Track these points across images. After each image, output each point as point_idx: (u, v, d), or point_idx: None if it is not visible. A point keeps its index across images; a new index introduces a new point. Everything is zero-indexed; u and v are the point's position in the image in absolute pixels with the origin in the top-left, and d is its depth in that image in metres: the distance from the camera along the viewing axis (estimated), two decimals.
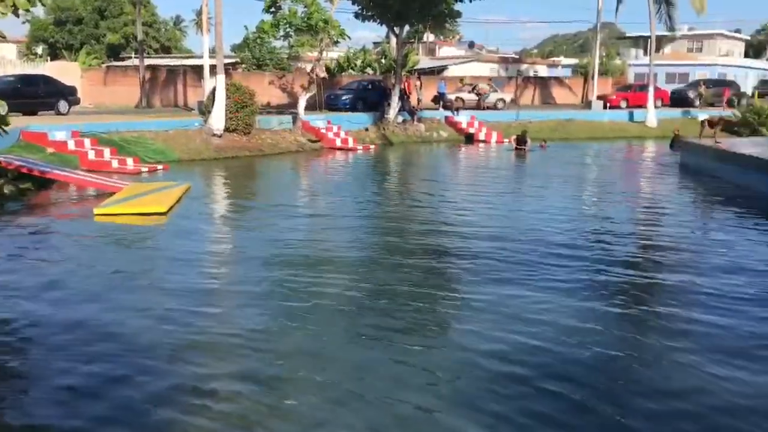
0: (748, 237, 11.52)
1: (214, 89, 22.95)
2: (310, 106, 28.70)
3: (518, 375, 5.81)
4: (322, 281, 8.42)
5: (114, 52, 50.14)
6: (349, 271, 9.02)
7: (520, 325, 6.91)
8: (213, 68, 23.72)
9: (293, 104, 28.73)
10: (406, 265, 9.22)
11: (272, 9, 25.74)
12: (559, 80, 49.02)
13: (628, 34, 65.17)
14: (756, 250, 10.58)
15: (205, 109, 24.11)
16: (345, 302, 7.70)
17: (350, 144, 26.24)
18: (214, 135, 22.63)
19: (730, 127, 33.90)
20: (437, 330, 6.99)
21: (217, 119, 22.64)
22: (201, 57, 28.42)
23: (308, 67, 28.74)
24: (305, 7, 25.26)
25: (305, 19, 25.32)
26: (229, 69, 34.04)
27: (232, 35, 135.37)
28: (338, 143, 26.15)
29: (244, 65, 40.17)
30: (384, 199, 15.94)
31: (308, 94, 27.06)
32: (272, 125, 26.16)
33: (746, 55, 64.92)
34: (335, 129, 27.09)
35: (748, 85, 48.70)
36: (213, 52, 25.55)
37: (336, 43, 29.95)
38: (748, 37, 72.82)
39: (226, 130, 23.08)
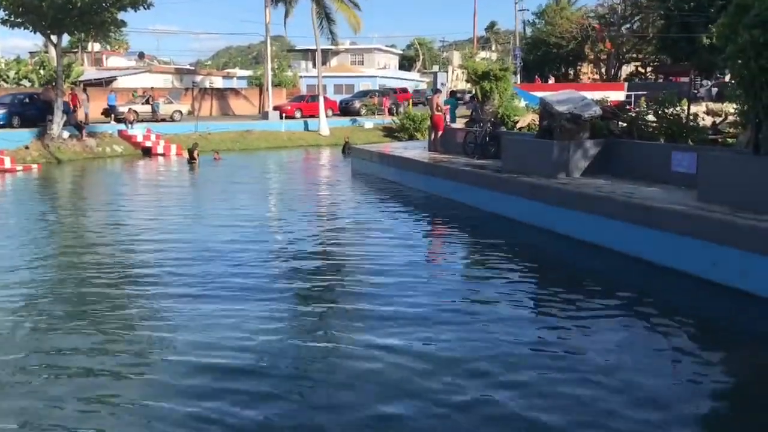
0: (407, 224, 13.12)
1: None
2: None
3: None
4: None
5: None
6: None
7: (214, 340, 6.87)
8: None
9: None
10: (86, 305, 8.50)
11: None
12: (235, 91, 49.56)
13: (297, 47, 68.49)
14: (410, 231, 12.50)
15: None
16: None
17: (7, 165, 23.41)
18: None
19: (391, 133, 37.65)
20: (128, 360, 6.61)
21: None
22: None
23: None
24: None
25: None
26: None
27: None
28: None
29: None
30: (49, 232, 13.54)
31: None
32: None
33: (401, 68, 72.52)
34: None
35: None
36: None
37: None
38: (401, 51, 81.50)
39: None
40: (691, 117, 13.96)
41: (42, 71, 38.84)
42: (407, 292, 8.60)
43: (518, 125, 18.59)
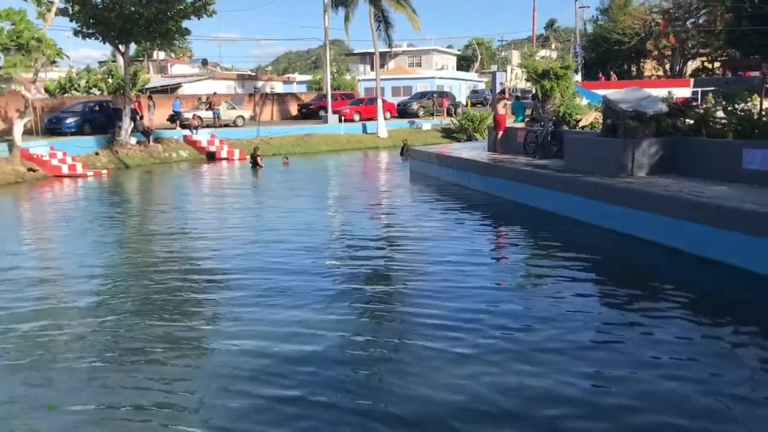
0: (467, 226, 13.07)
1: None
2: (29, 132, 26.12)
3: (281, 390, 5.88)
4: (56, 333, 7.72)
5: None
6: (90, 327, 8.28)
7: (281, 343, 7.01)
8: None
9: (9, 131, 25.87)
10: (157, 306, 8.76)
11: None
12: (295, 96, 50.18)
13: (355, 51, 68.95)
14: (471, 233, 12.13)
15: None
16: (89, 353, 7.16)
17: (79, 170, 24.34)
18: None
19: (449, 134, 37.54)
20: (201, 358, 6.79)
21: None
22: None
23: (24, 89, 26.00)
24: (13, 24, 22.90)
25: (14, 37, 22.96)
26: None
27: None
28: (65, 170, 24.11)
29: None
30: (116, 235, 14.08)
31: (25, 119, 24.57)
32: None
33: (459, 68, 72.14)
34: (60, 155, 24.94)
35: (462, 95, 54.22)
36: None
37: (53, 62, 27.60)
38: (459, 52, 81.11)
39: None
40: (764, 112, 13.45)
41: (110, 80, 40.20)
42: (472, 294, 8.54)
43: (580, 124, 18.27)
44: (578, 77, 40.07)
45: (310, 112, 42.82)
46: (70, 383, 6.17)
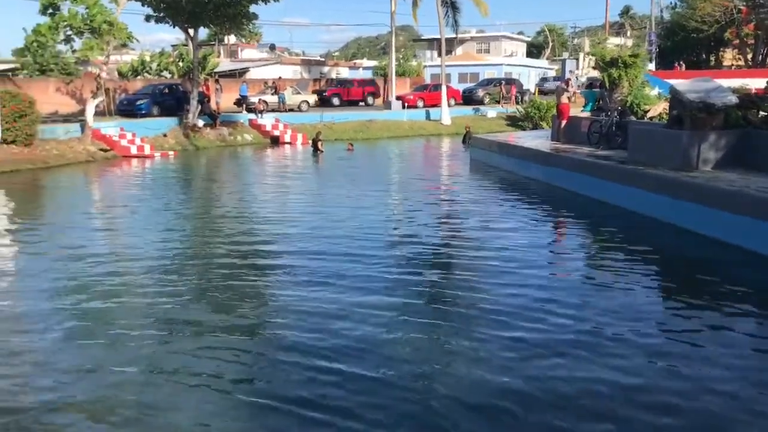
0: (524, 218, 12.75)
1: None
2: (101, 113, 27.04)
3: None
4: (120, 311, 7.95)
5: None
6: (155, 306, 8.39)
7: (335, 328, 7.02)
8: None
9: (84, 112, 26.86)
10: (216, 287, 8.88)
11: (50, 10, 23.85)
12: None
13: (423, 37, 68.50)
14: (527, 225, 11.86)
15: None
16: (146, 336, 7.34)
17: (147, 151, 25.03)
18: None
19: (514, 122, 36.89)
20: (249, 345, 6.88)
21: None
22: None
23: (99, 71, 26.90)
24: (86, 8, 23.64)
25: (87, 21, 23.72)
26: (8, 75, 31.21)
27: (12, 38, 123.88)
28: (133, 151, 24.84)
29: (25, 71, 36.88)
30: (179, 213, 14.51)
31: (97, 100, 25.43)
32: (58, 135, 24.28)
33: (528, 55, 70.73)
34: (129, 136, 25.70)
35: (530, 82, 53.15)
36: None
37: (124, 45, 28.41)
38: (529, 38, 79.55)
39: (3, 141, 21.23)
40: None
41: (181, 63, 41.15)
42: (529, 288, 8.33)
43: (648, 114, 17.59)
44: (652, 66, 38.64)
45: (323, 100, 40.79)
46: (123, 359, 6.32)
